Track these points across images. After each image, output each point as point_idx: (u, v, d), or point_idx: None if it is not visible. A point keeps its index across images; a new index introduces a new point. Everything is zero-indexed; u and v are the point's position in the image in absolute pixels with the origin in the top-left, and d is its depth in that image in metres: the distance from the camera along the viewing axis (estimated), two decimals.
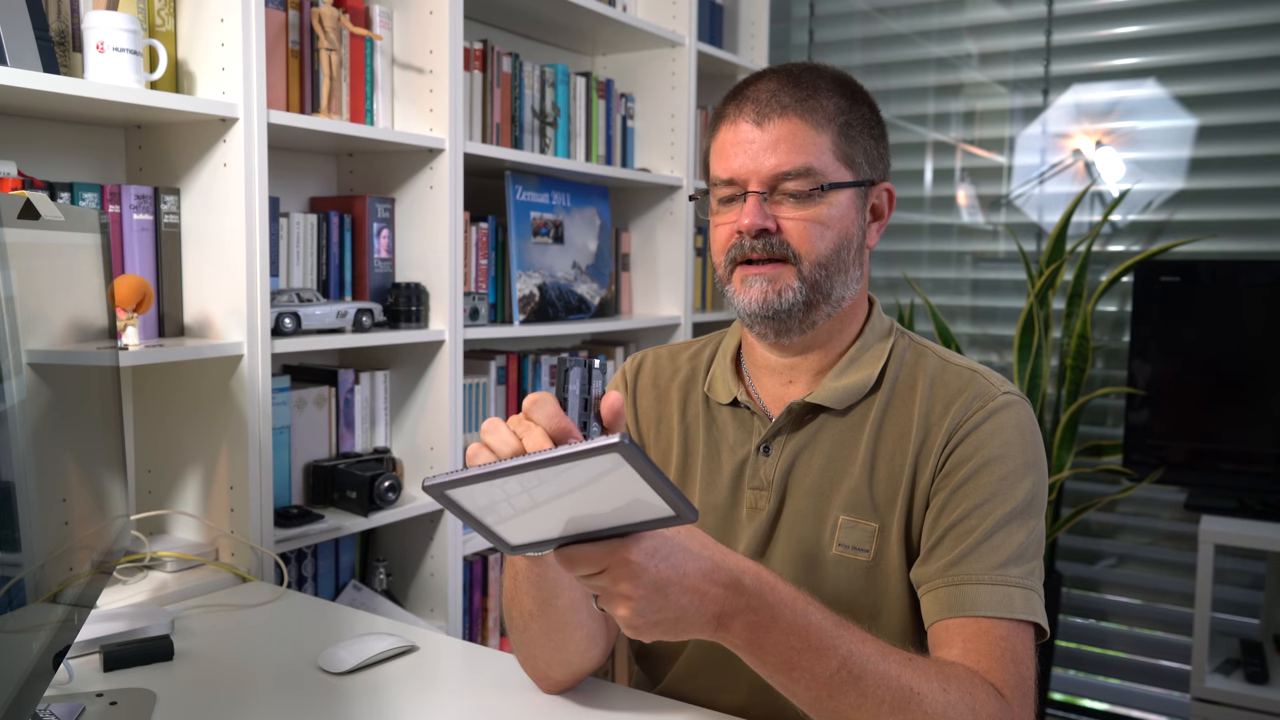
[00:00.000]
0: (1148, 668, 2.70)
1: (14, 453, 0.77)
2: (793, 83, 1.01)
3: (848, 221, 1.01)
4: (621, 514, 0.70)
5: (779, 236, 0.99)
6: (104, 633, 1.20)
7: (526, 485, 0.66)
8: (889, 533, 1.01)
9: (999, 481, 0.97)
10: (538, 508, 0.69)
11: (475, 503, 0.68)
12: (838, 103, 1.01)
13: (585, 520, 0.71)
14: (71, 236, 0.98)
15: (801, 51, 3.12)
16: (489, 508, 0.69)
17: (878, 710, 0.82)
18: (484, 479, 0.65)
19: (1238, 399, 2.41)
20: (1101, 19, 2.68)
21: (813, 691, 0.82)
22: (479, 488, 0.66)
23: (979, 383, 1.02)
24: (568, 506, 0.69)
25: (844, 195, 1.01)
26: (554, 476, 0.65)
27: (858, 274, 1.04)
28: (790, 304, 1.00)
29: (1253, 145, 2.52)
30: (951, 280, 2.94)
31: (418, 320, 1.88)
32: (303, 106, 1.73)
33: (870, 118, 1.04)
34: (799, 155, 0.98)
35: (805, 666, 0.81)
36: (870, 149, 1.03)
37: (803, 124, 0.99)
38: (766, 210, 0.99)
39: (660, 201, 2.56)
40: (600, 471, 0.64)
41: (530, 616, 0.99)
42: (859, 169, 1.02)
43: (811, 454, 1.05)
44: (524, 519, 0.70)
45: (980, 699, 0.85)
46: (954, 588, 0.94)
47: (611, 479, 0.65)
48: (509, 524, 0.71)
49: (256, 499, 1.56)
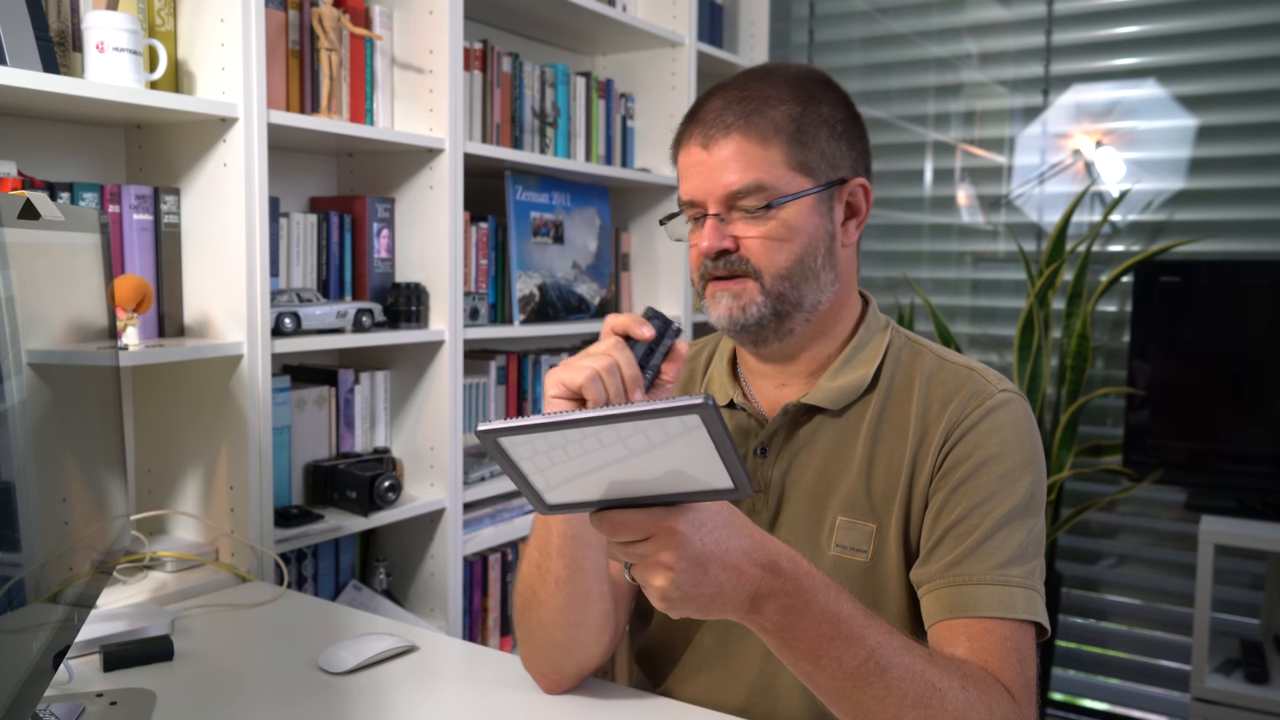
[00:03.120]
0: (1148, 668, 2.70)
1: (14, 453, 0.77)
2: (740, 98, 0.99)
3: (810, 228, 1.00)
4: (673, 481, 0.68)
5: (738, 254, 0.99)
6: (104, 633, 1.20)
7: (589, 440, 0.63)
8: (887, 533, 1.00)
9: (998, 480, 0.97)
10: (590, 466, 0.65)
11: (526, 453, 0.65)
12: (788, 110, 0.99)
13: (632, 485, 0.69)
14: (71, 236, 0.98)
15: (801, 51, 3.12)
16: (538, 460, 0.65)
17: (900, 704, 0.83)
18: (549, 429, 0.62)
19: (1238, 399, 2.41)
20: (1101, 19, 2.68)
21: (838, 681, 0.82)
22: (538, 438, 0.63)
23: (976, 380, 1.02)
24: (622, 468, 0.66)
25: (802, 204, 0.99)
26: (624, 434, 0.62)
27: (831, 277, 1.03)
28: (757, 318, 1.00)
29: (1253, 145, 2.52)
30: (951, 280, 2.94)
31: (418, 320, 1.88)
32: (303, 106, 1.73)
33: (830, 115, 1.01)
34: (747, 173, 0.98)
35: (833, 655, 0.81)
36: (830, 149, 1.01)
37: (747, 141, 0.98)
38: (724, 230, 0.99)
39: (660, 201, 2.56)
40: (674, 433, 0.62)
41: (559, 584, 0.99)
42: (817, 173, 1.00)
43: (808, 455, 1.05)
44: (570, 477, 0.67)
45: (995, 699, 0.86)
46: (956, 588, 0.94)
47: (682, 442, 0.63)
48: (552, 480, 0.68)
49: (256, 499, 1.56)
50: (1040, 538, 0.98)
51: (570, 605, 1.01)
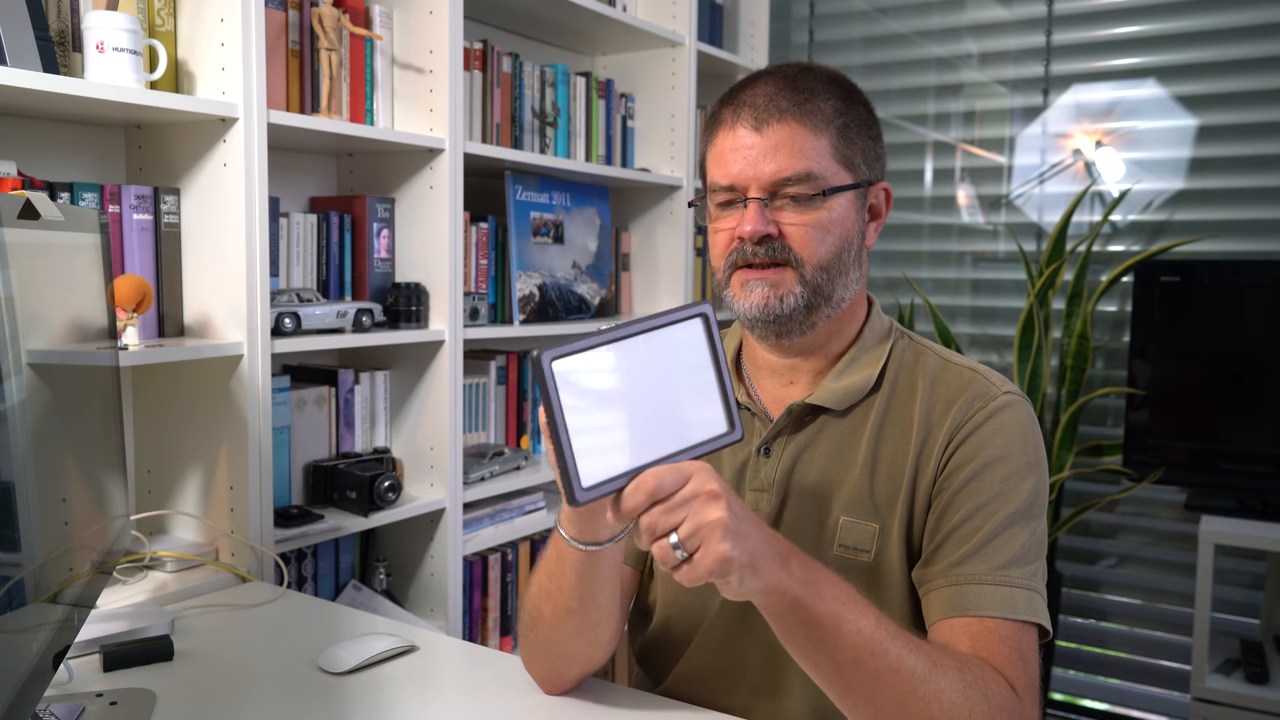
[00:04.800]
0: (1148, 668, 2.70)
1: (14, 453, 0.77)
2: (790, 85, 1.00)
3: (848, 224, 1.01)
4: (684, 429, 0.79)
5: (780, 241, 0.99)
6: (104, 633, 1.20)
7: (621, 363, 0.76)
8: (890, 533, 1.01)
9: (1001, 482, 0.97)
10: (621, 410, 0.76)
11: (573, 393, 0.74)
12: (835, 104, 1.00)
13: (654, 441, 0.78)
14: (71, 236, 0.98)
15: (801, 51, 3.12)
16: (579, 401, 0.74)
17: (911, 677, 0.84)
18: (589, 349, 0.74)
19: (1238, 399, 2.41)
20: (1101, 19, 2.68)
21: (857, 649, 0.83)
22: (582, 358, 0.74)
23: (980, 382, 1.02)
24: (645, 407, 0.77)
25: (844, 198, 1.01)
26: (642, 346, 0.77)
27: (857, 275, 1.04)
28: (792, 308, 1.00)
29: (1253, 145, 2.52)
30: (951, 280, 2.94)
31: (418, 320, 1.88)
32: (303, 106, 1.73)
33: (867, 118, 1.04)
34: (799, 160, 0.98)
35: (852, 620, 0.83)
36: (868, 149, 1.03)
37: (802, 128, 0.98)
38: (767, 216, 0.99)
39: (660, 201, 2.56)
40: (683, 339, 0.78)
41: (569, 614, 0.99)
42: (858, 170, 1.02)
43: (812, 455, 1.05)
44: (604, 438, 0.75)
45: (992, 685, 0.87)
46: (957, 588, 0.94)
47: (689, 353, 0.79)
48: (589, 446, 0.75)
49: (256, 499, 1.56)
50: (1042, 540, 0.98)
51: (580, 631, 1.01)
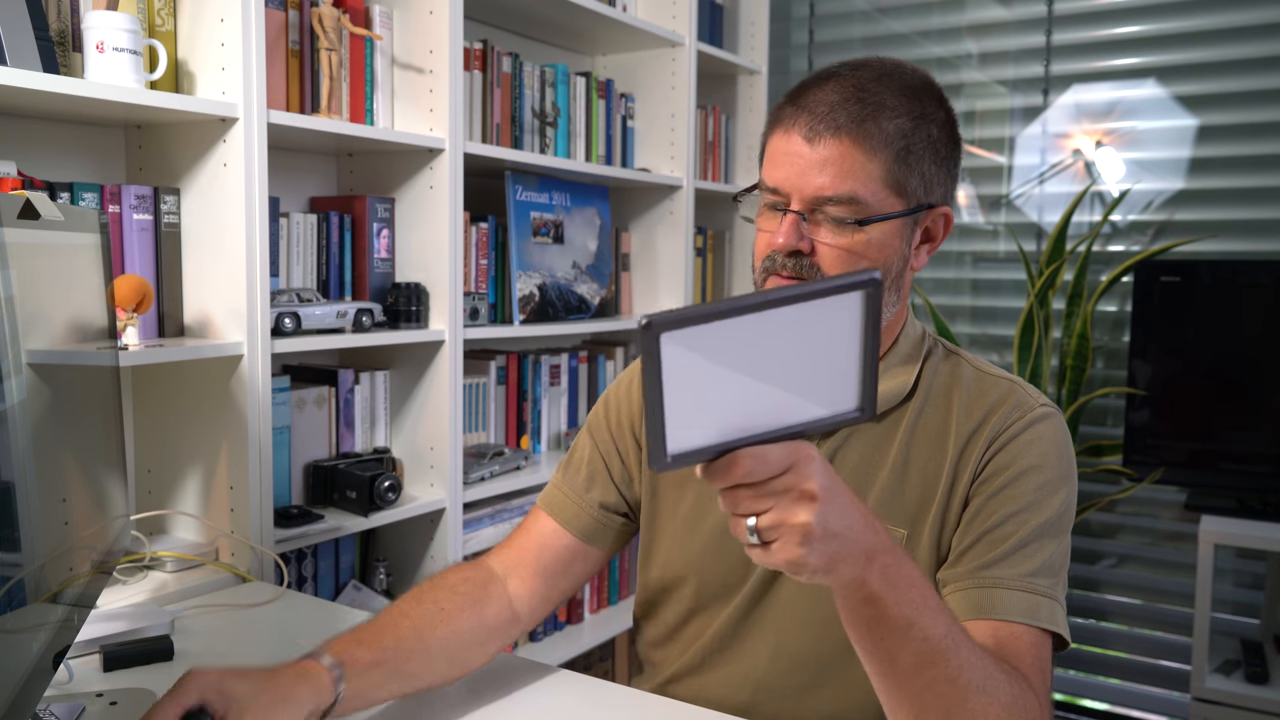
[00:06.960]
0: (1148, 668, 2.70)
1: (14, 453, 0.77)
2: (856, 96, 0.94)
3: (888, 251, 0.96)
4: (795, 407, 0.66)
5: (811, 259, 0.96)
6: (104, 633, 1.20)
7: (747, 336, 0.62)
8: (918, 539, 1.00)
9: (1035, 490, 0.96)
10: (732, 384, 0.64)
11: (682, 361, 0.62)
12: (900, 124, 0.94)
13: (756, 416, 0.66)
14: (71, 236, 0.98)
15: (802, 52, 3.12)
16: (685, 374, 0.63)
17: (967, 687, 0.79)
18: (717, 318, 0.61)
19: (1238, 399, 2.41)
20: (1101, 19, 2.68)
21: (921, 655, 0.78)
22: (705, 329, 0.62)
23: (1019, 393, 1.01)
24: (762, 379, 0.64)
25: (888, 226, 0.95)
26: (777, 319, 0.62)
27: (894, 299, 1.00)
28: None
29: (1253, 145, 2.52)
30: (951, 280, 2.94)
31: (418, 320, 1.88)
32: (303, 106, 1.73)
33: (938, 138, 0.97)
34: (846, 181, 0.93)
35: (923, 625, 0.77)
36: (930, 173, 0.97)
37: (856, 148, 0.93)
38: (803, 231, 0.95)
39: (660, 201, 2.56)
40: (834, 313, 0.63)
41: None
42: (911, 196, 0.96)
43: (842, 459, 1.04)
44: (705, 404, 0.64)
45: (1027, 696, 0.85)
46: (985, 590, 0.93)
47: (836, 328, 0.64)
48: (684, 413, 0.64)
49: (256, 499, 1.56)
50: (1066, 555, 0.97)
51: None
